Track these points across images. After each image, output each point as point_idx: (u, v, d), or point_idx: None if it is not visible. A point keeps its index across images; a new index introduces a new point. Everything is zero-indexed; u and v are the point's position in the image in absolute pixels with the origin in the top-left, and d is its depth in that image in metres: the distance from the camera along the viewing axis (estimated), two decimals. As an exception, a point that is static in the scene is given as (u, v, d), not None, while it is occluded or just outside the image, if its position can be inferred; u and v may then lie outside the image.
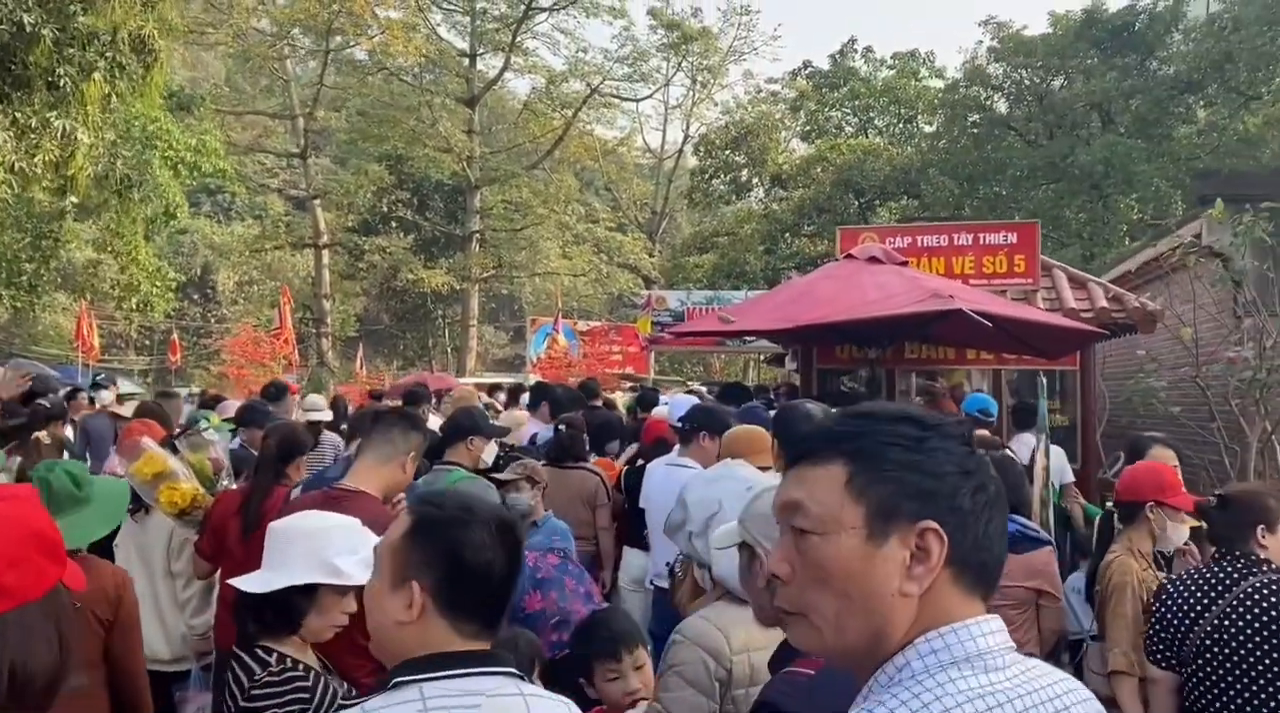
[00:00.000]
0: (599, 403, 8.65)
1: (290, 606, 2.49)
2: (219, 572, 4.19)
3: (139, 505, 4.28)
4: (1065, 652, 4.18)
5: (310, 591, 2.50)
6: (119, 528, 4.37)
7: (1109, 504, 4.06)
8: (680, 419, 5.38)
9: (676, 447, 5.26)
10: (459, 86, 38.38)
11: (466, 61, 38.07)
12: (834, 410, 3.51)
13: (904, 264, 7.04)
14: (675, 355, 37.80)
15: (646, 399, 8.84)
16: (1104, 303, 7.95)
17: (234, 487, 4.81)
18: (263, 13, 34.92)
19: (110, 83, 13.52)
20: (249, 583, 2.51)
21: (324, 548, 2.50)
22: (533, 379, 27.03)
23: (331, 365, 36.28)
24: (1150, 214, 25.54)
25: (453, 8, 37.50)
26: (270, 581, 2.48)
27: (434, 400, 11.91)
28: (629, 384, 23.00)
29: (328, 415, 9.36)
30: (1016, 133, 29.87)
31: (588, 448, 6.21)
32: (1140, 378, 6.79)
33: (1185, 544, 3.69)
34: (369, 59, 38.55)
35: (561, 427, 5.97)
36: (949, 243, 8.40)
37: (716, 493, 2.58)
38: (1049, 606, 3.91)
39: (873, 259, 6.87)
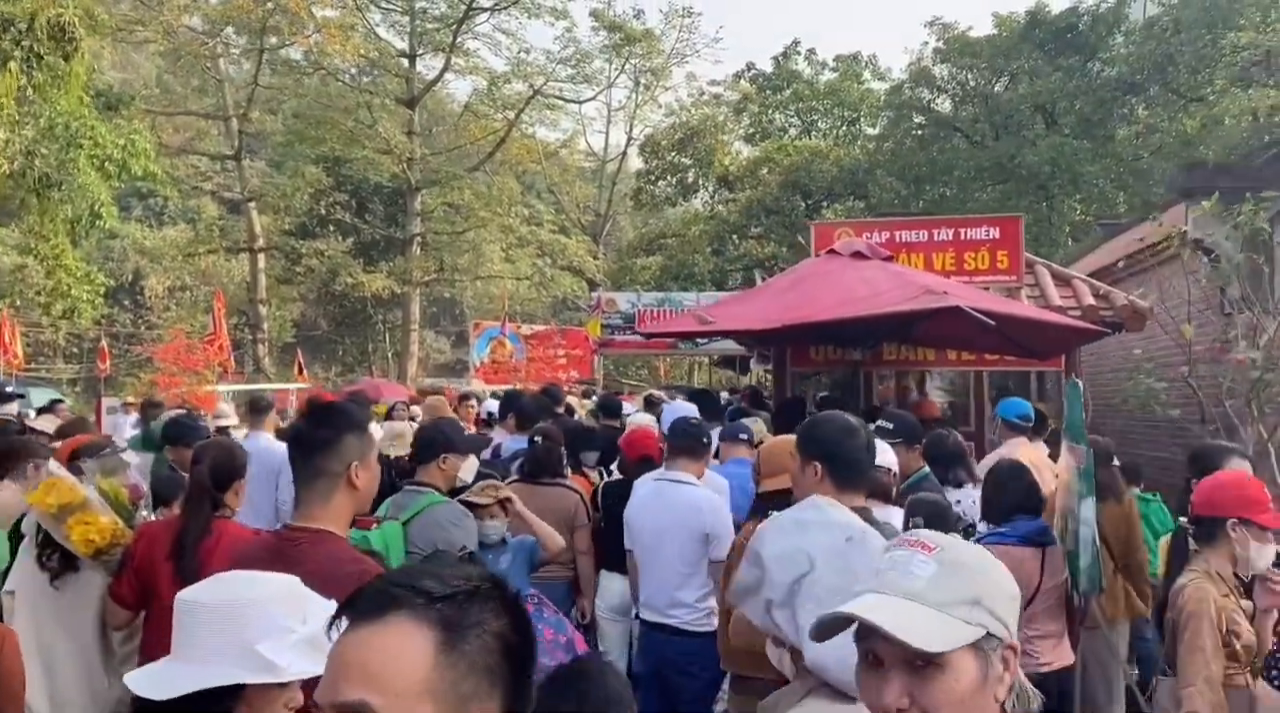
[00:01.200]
0: (561, 410, 8.13)
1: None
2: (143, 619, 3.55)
3: (66, 564, 3.63)
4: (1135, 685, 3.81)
5: (236, 688, 1.80)
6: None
7: (1183, 520, 3.60)
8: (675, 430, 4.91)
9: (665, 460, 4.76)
10: (398, 87, 37.62)
11: (406, 62, 37.33)
12: (859, 422, 3.09)
13: (889, 259, 6.61)
14: (621, 359, 37.38)
15: (609, 406, 8.33)
16: (1091, 300, 7.60)
17: (153, 518, 4.16)
18: (195, 9, 33.88)
19: (26, 74, 12.70)
20: (144, 684, 1.80)
21: (243, 630, 1.80)
22: (476, 385, 26.57)
23: (269, 372, 35.28)
24: (1093, 214, 25.67)
25: (391, 7, 36.72)
26: (174, 682, 1.78)
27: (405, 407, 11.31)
28: (581, 389, 22.50)
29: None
30: (962, 134, 29.88)
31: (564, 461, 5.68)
32: (1139, 379, 6.44)
33: (1271, 569, 3.22)
34: (305, 59, 37.61)
35: (537, 439, 5.42)
36: (929, 238, 8.00)
37: (805, 545, 1.86)
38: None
39: (857, 255, 6.44)
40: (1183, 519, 3.57)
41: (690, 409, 5.32)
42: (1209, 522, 3.27)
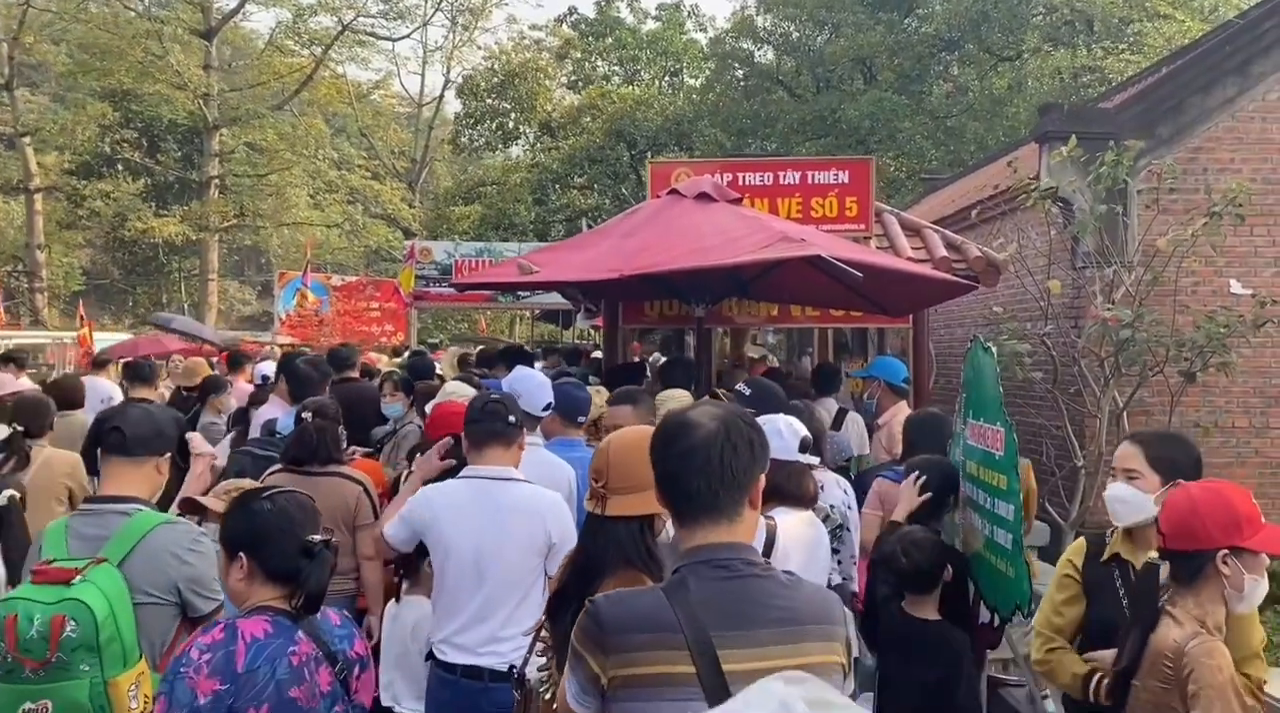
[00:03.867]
0: (354, 374, 7.07)
1: None
2: None
3: None
4: None
5: None
6: None
7: (1150, 555, 2.80)
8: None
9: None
10: (194, 18, 34.72)
11: (203, -11, 34.54)
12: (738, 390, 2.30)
13: (738, 202, 5.88)
14: (439, 313, 36.10)
15: (420, 368, 7.33)
16: (943, 252, 7.11)
17: None
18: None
19: None
20: None
21: None
22: (283, 339, 24.90)
23: (47, 324, 32.28)
24: (907, 171, 25.99)
25: (187, -73, 33.88)
26: None
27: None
28: (392, 347, 21.27)
29: None
30: (785, 87, 29.77)
31: (345, 443, 4.66)
32: (1002, 342, 5.98)
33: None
34: (88, -18, 34.30)
35: (306, 415, 4.37)
36: (774, 182, 7.33)
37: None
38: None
39: (703, 196, 5.67)
40: (1152, 554, 2.79)
41: (535, 378, 4.25)
42: (1189, 559, 2.54)
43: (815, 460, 3.51)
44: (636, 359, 10.06)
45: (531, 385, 4.14)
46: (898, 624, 3.62)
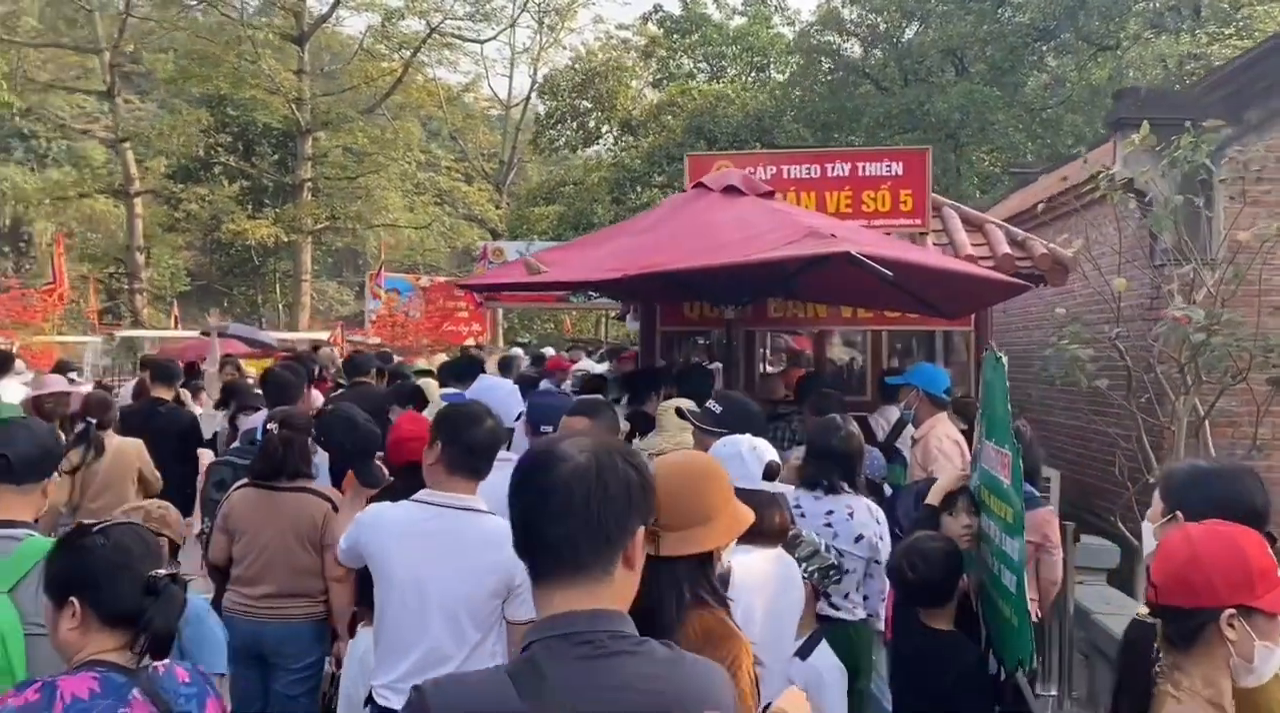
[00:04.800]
0: (366, 379, 6.83)
1: None
2: None
3: None
4: None
5: None
6: None
7: (1140, 611, 2.15)
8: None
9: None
10: (287, 23, 35.38)
11: (295, -5, 35.22)
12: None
13: (770, 195, 5.44)
14: (525, 313, 36.14)
15: (459, 368, 7.02)
16: (1006, 249, 6.57)
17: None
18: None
19: None
20: None
21: None
22: (373, 339, 25.16)
23: (146, 324, 33.19)
24: (1001, 165, 25.04)
25: (277, -65, 34.55)
26: None
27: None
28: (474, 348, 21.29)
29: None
30: (871, 80, 28.99)
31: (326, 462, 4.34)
32: (1062, 345, 5.44)
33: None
34: (184, -11, 35.28)
35: (271, 426, 4.09)
36: (821, 174, 6.87)
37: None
38: (1047, 558, 4.47)
39: (730, 190, 5.25)
40: (1140, 610, 2.21)
41: (498, 385, 3.92)
42: (1187, 617, 1.99)
43: (786, 489, 3.08)
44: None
45: (500, 395, 3.79)
46: (913, 634, 3.37)
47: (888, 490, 5.19)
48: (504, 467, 3.47)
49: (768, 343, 11.64)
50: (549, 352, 17.06)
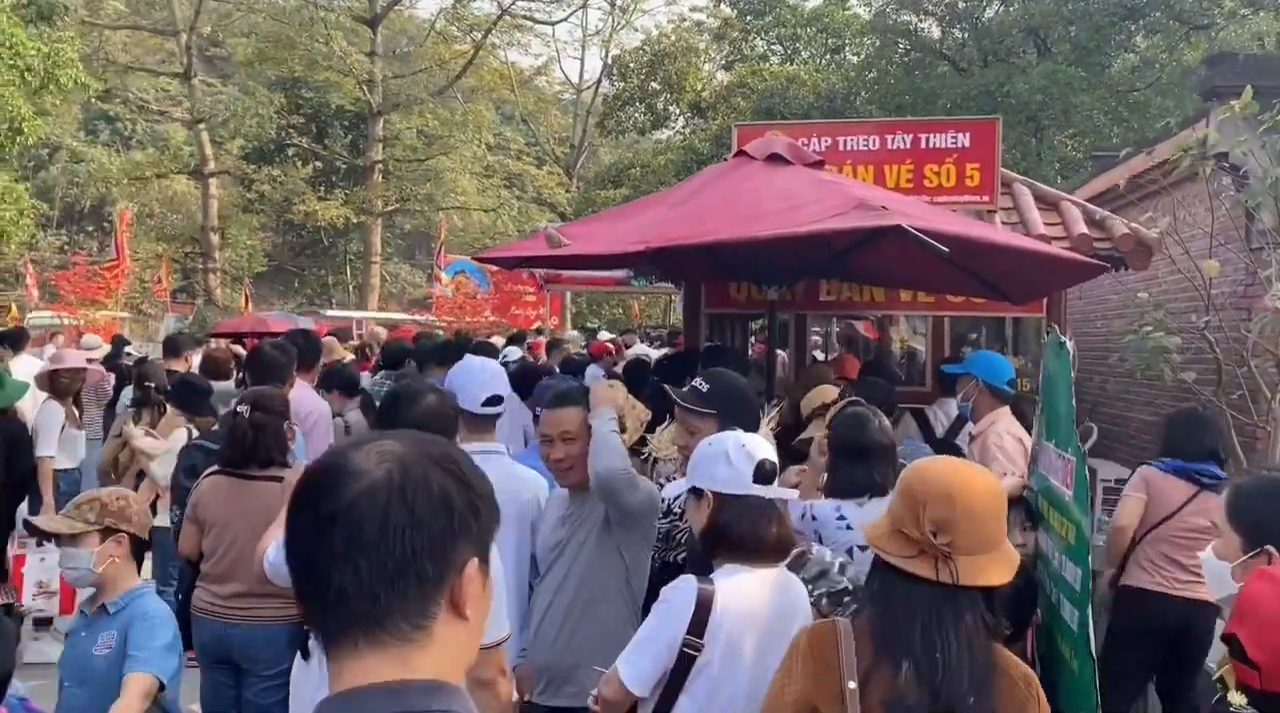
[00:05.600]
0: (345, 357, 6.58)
1: None
2: None
3: None
4: None
5: None
6: None
7: (1231, 694, 1.59)
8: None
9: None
10: (361, 4, 35.55)
11: (367, -22, 35.36)
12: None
13: (819, 165, 4.96)
14: (593, 297, 35.91)
15: (485, 351, 6.69)
16: (1084, 228, 5.99)
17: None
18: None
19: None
20: None
21: None
22: (440, 321, 25.12)
23: (220, 304, 33.62)
24: (1084, 150, 24.04)
25: (350, -82, 34.70)
26: None
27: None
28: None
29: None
30: (949, 61, 28.04)
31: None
32: (1146, 332, 4.89)
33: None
34: (257, -28, 35.66)
35: (242, 409, 3.71)
36: (880, 146, 6.35)
37: None
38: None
39: (774, 158, 4.78)
40: (1234, 698, 1.61)
41: (468, 365, 3.47)
42: None
43: (788, 495, 2.61)
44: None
45: (466, 375, 3.35)
46: None
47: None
48: (488, 460, 3.12)
49: (833, 329, 11.13)
50: (605, 336, 16.76)
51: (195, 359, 7.64)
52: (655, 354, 12.38)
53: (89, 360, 7.76)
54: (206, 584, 3.78)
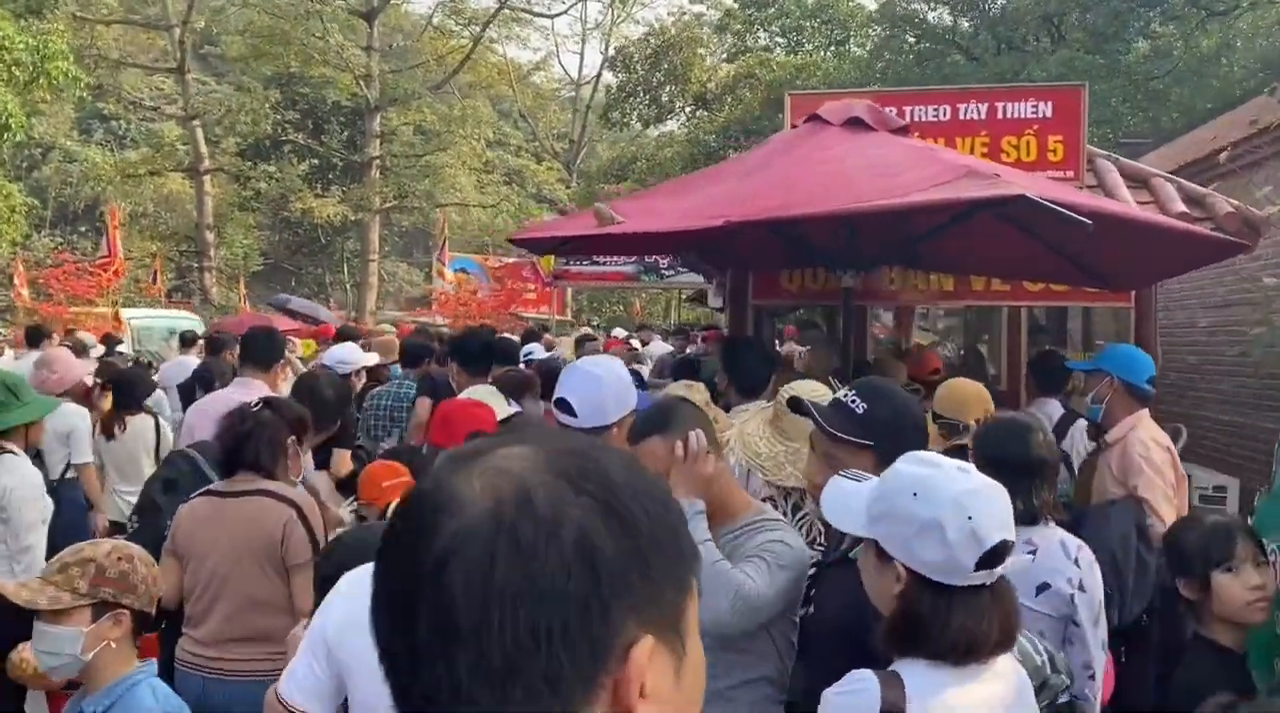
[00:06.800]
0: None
1: None
2: None
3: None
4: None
5: None
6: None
7: None
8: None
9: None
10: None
11: (363, -29, 34.79)
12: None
13: (904, 131, 4.32)
14: (595, 295, 35.44)
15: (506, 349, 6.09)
16: (1180, 207, 5.38)
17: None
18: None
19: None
20: None
21: None
22: (440, 319, 24.71)
23: (215, 302, 33.03)
24: (1099, 139, 23.51)
25: (345, -91, 34.11)
26: None
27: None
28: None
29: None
30: (961, 49, 27.48)
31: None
32: (1273, 320, 4.27)
33: None
34: (250, -35, 35.07)
35: (255, 403, 3.06)
36: (951, 116, 5.71)
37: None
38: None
39: (853, 122, 4.15)
40: None
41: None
42: None
43: (1020, 566, 1.85)
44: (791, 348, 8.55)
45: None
46: None
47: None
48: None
49: (913, 319, 10.12)
50: (619, 332, 16.25)
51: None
52: (668, 349, 12.00)
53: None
54: (189, 631, 3.09)
